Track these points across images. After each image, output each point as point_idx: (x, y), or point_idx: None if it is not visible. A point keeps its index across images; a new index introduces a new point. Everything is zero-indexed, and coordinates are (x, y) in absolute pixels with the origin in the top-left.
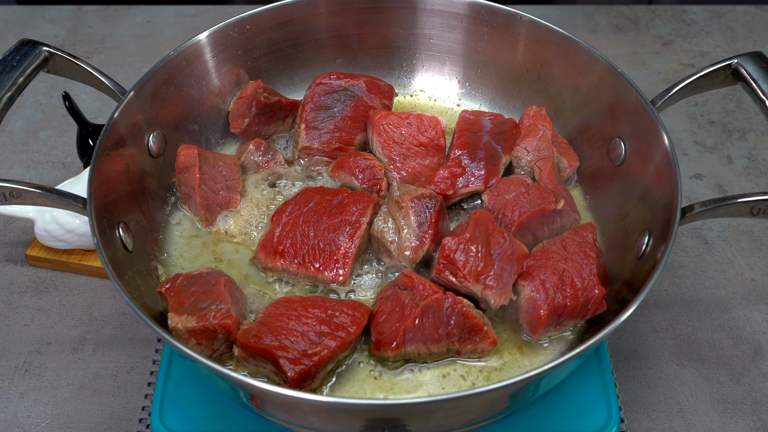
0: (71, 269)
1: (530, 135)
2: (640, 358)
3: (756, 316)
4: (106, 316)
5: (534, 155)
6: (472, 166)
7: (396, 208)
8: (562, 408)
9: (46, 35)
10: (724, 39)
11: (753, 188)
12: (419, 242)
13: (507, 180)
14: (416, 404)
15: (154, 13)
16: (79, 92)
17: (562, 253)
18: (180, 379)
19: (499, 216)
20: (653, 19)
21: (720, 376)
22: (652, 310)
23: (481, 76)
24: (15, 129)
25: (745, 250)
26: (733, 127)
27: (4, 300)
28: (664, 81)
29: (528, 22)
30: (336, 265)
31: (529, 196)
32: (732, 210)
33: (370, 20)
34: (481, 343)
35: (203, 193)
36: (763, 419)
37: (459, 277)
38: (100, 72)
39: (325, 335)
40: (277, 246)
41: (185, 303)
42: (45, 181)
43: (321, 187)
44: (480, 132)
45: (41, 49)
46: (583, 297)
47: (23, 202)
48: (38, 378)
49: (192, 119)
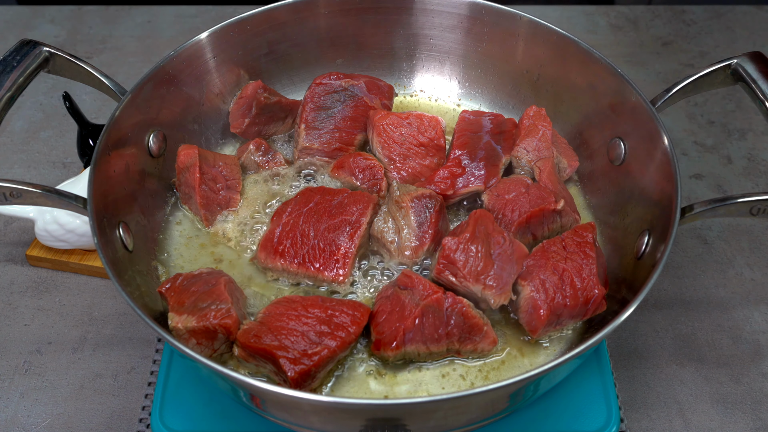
0: (71, 269)
1: (530, 135)
2: (640, 358)
3: (755, 315)
4: (107, 316)
5: (534, 155)
6: (472, 166)
7: (396, 208)
8: (561, 408)
9: (47, 35)
10: (724, 39)
11: (752, 188)
12: (419, 242)
13: (507, 180)
14: (416, 404)
15: (155, 13)
16: (80, 92)
17: (561, 253)
18: (180, 379)
19: (499, 216)
20: (653, 20)
21: (720, 376)
22: (652, 310)
23: (481, 76)
24: (15, 129)
25: (744, 250)
26: (732, 127)
27: (4, 300)
28: (664, 81)
29: (528, 23)
30: (336, 264)
31: (529, 196)
32: (732, 210)
33: (370, 20)
34: (481, 343)
35: (203, 193)
36: (762, 419)
37: (459, 277)
38: (101, 72)
39: (325, 335)
40: (277, 246)
41: (185, 303)
42: (45, 181)
43: (321, 187)
44: (480, 132)
45: (41, 50)
46: (583, 297)
47: (24, 202)
48: (38, 378)
49: (192, 119)
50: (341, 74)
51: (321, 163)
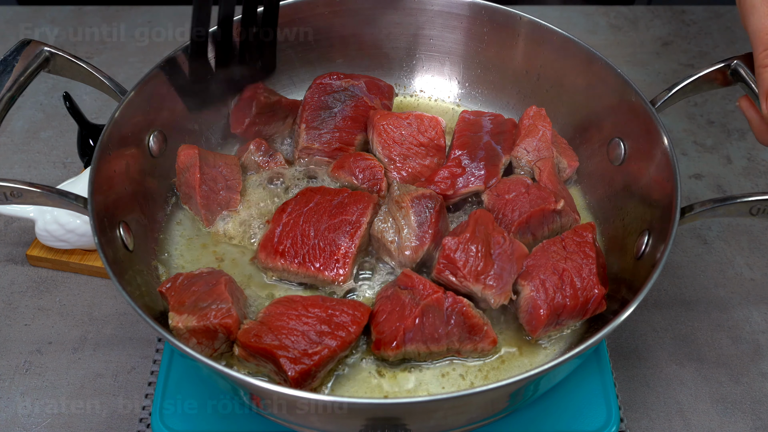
0: (72, 269)
1: (530, 135)
2: (640, 358)
3: (755, 315)
4: (107, 316)
5: (534, 155)
6: (472, 166)
7: (396, 208)
8: (561, 407)
9: (47, 35)
10: (724, 39)
11: (752, 188)
12: (419, 242)
13: (507, 180)
14: (416, 403)
15: (155, 13)
16: (80, 92)
17: (561, 252)
18: (180, 378)
19: (499, 216)
20: (653, 20)
21: (719, 376)
22: (652, 310)
23: (481, 77)
24: (16, 129)
25: (744, 249)
26: (732, 127)
27: (4, 300)
28: (664, 81)
29: (528, 23)
30: (336, 264)
31: (529, 197)
32: (731, 210)
33: (371, 20)
34: (481, 343)
35: (204, 193)
36: (762, 418)
37: (459, 276)
38: (101, 72)
39: (326, 335)
40: (277, 246)
41: (186, 302)
42: (46, 181)
43: (321, 187)
44: (480, 132)
45: (42, 49)
46: (583, 297)
47: (24, 202)
48: (39, 377)
49: (192, 119)
50: (341, 74)
51: (321, 162)
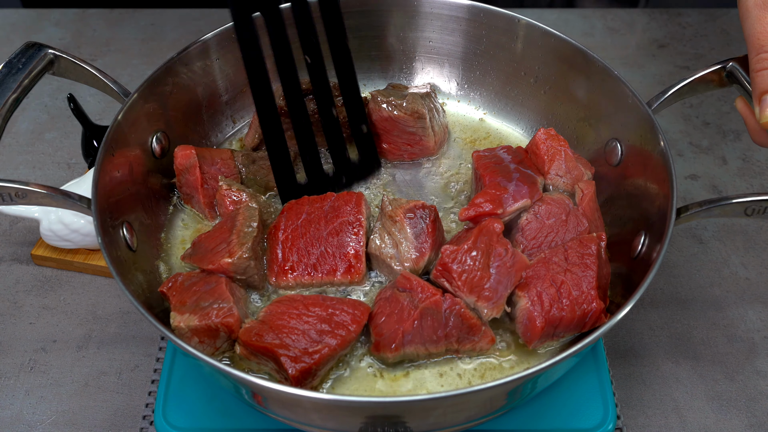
0: (76, 268)
1: (555, 159)
2: (636, 356)
3: (750, 314)
4: (111, 315)
5: (568, 177)
6: (512, 186)
7: (390, 223)
8: (559, 405)
9: (52, 38)
10: (719, 42)
11: (747, 189)
12: (419, 253)
13: (550, 199)
14: (416, 402)
15: (158, 16)
16: (84, 94)
17: (563, 264)
18: (183, 377)
19: (529, 236)
20: (649, 22)
21: (715, 374)
22: (648, 309)
23: (480, 79)
24: (21, 130)
25: (739, 249)
26: (727, 128)
27: (10, 298)
28: (660, 83)
29: (526, 25)
30: (350, 264)
31: (567, 226)
32: (727, 210)
33: (370, 22)
34: (479, 342)
35: (207, 192)
36: (757, 416)
37: (453, 285)
38: (105, 74)
39: (326, 333)
40: (283, 264)
41: (187, 302)
42: (50, 181)
43: (303, 198)
44: (503, 163)
45: (46, 52)
46: (580, 311)
47: (29, 203)
48: (43, 375)
49: (195, 121)
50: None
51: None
